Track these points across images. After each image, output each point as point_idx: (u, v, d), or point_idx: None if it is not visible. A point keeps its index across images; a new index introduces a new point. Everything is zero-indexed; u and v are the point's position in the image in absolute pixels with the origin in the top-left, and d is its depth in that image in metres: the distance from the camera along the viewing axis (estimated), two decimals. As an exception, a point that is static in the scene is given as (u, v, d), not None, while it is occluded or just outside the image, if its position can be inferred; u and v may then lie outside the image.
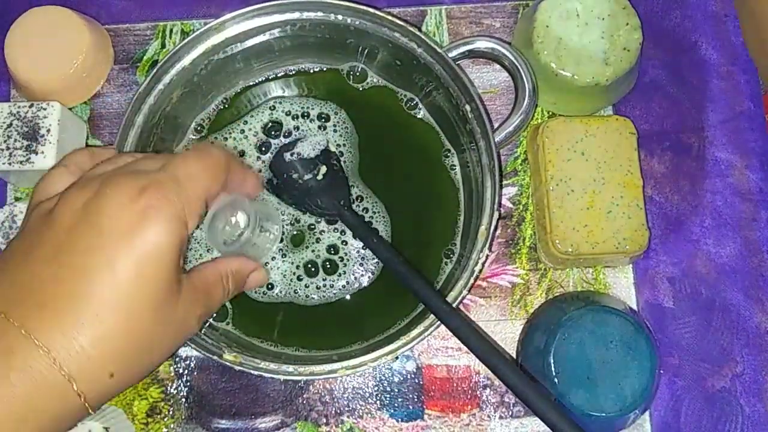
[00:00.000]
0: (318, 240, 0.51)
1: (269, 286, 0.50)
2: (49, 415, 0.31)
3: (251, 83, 0.54)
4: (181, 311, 0.36)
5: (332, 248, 0.50)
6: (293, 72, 0.54)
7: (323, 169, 0.50)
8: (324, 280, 0.50)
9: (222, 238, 0.43)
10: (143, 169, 0.36)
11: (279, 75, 0.54)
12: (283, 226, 0.50)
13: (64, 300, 0.32)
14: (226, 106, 0.54)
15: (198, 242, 0.50)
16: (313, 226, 0.51)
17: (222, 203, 0.42)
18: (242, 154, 0.52)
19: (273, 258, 0.50)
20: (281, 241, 0.50)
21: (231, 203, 0.42)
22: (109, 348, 0.32)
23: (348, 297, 0.50)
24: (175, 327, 0.36)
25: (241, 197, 0.43)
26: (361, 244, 0.50)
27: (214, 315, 0.49)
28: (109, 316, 0.32)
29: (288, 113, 0.53)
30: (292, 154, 0.50)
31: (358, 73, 0.54)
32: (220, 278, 0.40)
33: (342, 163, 0.52)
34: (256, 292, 0.50)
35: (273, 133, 0.52)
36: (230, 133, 0.53)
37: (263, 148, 0.52)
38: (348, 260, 0.50)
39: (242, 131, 0.52)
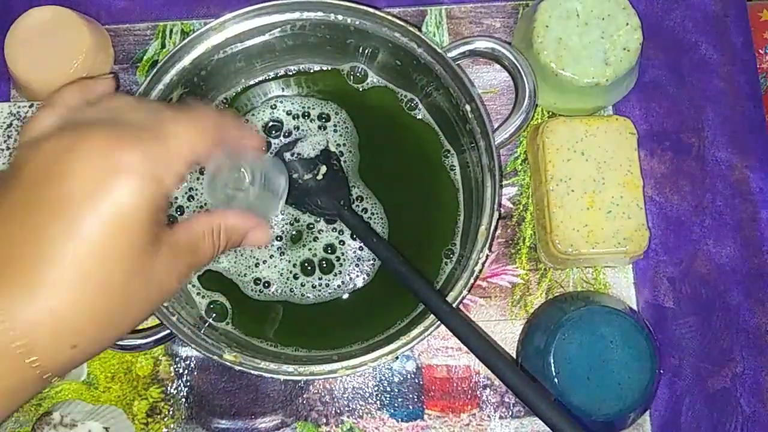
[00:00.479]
0: (316, 239, 0.51)
1: (266, 284, 0.50)
2: (3, 386, 0.29)
3: (252, 83, 0.54)
4: (159, 272, 0.33)
5: (329, 247, 0.50)
6: (294, 72, 0.54)
7: (323, 169, 0.50)
8: (320, 279, 0.50)
9: (223, 197, 0.41)
10: (127, 120, 0.33)
11: (279, 75, 0.54)
12: (282, 224, 0.50)
13: (23, 263, 0.29)
14: (227, 106, 0.54)
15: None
16: (312, 226, 0.51)
17: (219, 162, 0.39)
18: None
19: (271, 256, 0.50)
20: (280, 239, 0.50)
21: (229, 161, 0.40)
22: (70, 318, 0.30)
23: (344, 297, 0.50)
24: (151, 289, 0.33)
25: (241, 154, 0.40)
26: (358, 245, 0.50)
27: (214, 315, 0.49)
28: (71, 283, 0.30)
29: (288, 113, 0.53)
30: (292, 154, 0.50)
31: (359, 74, 0.54)
32: (210, 232, 0.37)
33: (342, 163, 0.52)
34: (252, 290, 0.50)
35: (273, 132, 0.52)
36: (230, 132, 0.52)
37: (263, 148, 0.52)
38: (344, 260, 0.50)
39: (242, 131, 0.52)
